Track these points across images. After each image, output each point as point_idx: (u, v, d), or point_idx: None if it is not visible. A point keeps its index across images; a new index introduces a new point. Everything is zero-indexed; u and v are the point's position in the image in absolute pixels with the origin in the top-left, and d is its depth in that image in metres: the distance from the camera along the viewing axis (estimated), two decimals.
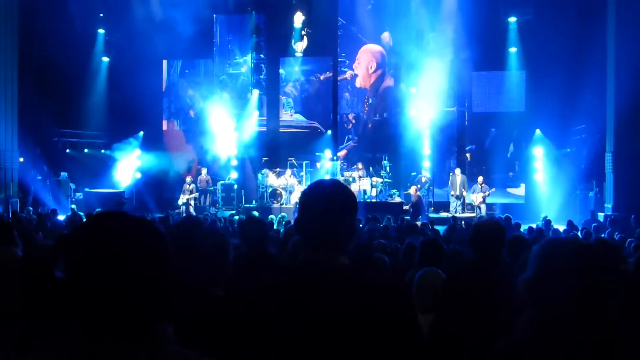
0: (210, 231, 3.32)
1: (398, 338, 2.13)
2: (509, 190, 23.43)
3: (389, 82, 25.18)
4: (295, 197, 21.25)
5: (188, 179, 23.02)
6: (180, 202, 22.34)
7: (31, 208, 19.55)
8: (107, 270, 1.55)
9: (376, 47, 25.30)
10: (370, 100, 25.33)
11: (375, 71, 25.37)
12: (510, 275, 3.89)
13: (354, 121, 25.54)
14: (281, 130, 25.61)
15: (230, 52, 26.16)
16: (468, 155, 24.08)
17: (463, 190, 21.85)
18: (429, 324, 3.95)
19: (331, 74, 25.55)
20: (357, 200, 2.54)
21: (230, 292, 3.07)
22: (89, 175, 23.84)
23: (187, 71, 26.56)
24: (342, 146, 25.03)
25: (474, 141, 24.58)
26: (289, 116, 25.95)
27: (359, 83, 25.49)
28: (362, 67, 25.46)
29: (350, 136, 25.49)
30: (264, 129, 25.57)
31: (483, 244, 4.10)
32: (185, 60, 26.31)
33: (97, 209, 17.16)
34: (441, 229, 13.37)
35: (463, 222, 16.47)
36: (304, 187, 21.35)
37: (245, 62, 26.06)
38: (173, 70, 26.56)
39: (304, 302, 2.16)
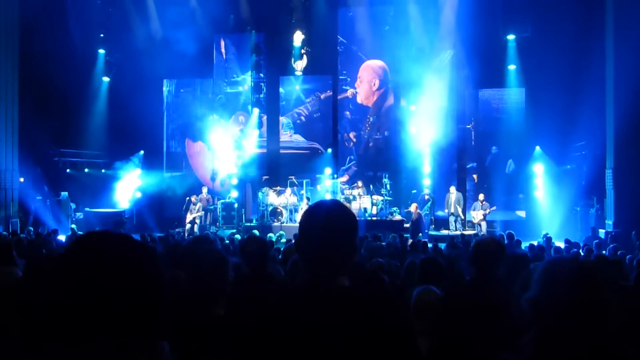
0: (210, 251, 3.33)
1: (396, 357, 2.12)
2: (518, 212, 23.36)
3: (390, 100, 25.20)
4: (297, 216, 21.25)
5: (194, 198, 23.01)
6: (187, 220, 22.28)
7: (31, 228, 19.53)
8: (91, 290, 1.55)
9: (378, 63, 25.28)
10: (372, 119, 25.31)
11: (378, 89, 25.37)
12: (509, 293, 3.87)
13: (354, 140, 25.51)
14: (281, 151, 25.62)
15: (229, 71, 26.23)
16: (475, 176, 23.92)
17: (458, 207, 21.82)
18: (427, 344, 3.94)
19: (331, 92, 25.59)
20: (358, 218, 2.54)
21: (231, 311, 3.06)
22: (89, 194, 23.86)
23: (182, 90, 26.63)
24: (343, 168, 24.86)
25: (474, 159, 24.58)
26: (289, 137, 25.96)
27: (360, 100, 25.47)
28: (365, 84, 25.44)
29: (352, 157, 25.39)
30: (264, 150, 25.62)
31: (482, 262, 4.09)
32: (185, 79, 26.37)
33: (96, 228, 17.12)
34: (442, 246, 13.34)
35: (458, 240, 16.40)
36: (304, 205, 21.38)
37: (244, 81, 26.13)
38: (172, 89, 26.61)
39: (302, 323, 2.16)
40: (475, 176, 24.10)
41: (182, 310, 2.97)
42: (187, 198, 22.74)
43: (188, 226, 22.01)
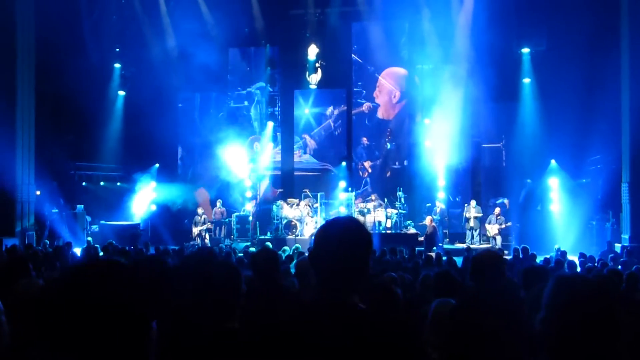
0: (223, 264, 3.33)
1: None
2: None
3: (411, 115, 25.06)
4: (310, 229, 21.24)
5: (200, 210, 23.11)
6: (194, 234, 22.39)
7: (47, 241, 19.63)
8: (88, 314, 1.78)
9: (400, 71, 25.14)
10: (390, 146, 25.04)
11: (400, 101, 25.24)
12: (516, 305, 3.86)
13: (370, 170, 25.36)
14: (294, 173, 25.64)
15: (244, 84, 26.31)
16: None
17: (477, 222, 21.78)
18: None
19: (345, 107, 25.55)
20: (372, 231, 2.54)
21: (243, 326, 3.06)
22: (104, 207, 23.96)
23: (198, 104, 26.75)
24: (358, 191, 24.54)
25: (489, 172, 24.50)
26: (298, 157, 25.94)
27: (380, 114, 25.33)
28: (384, 95, 25.32)
29: (367, 179, 25.28)
30: (279, 172, 25.70)
31: (482, 275, 4.08)
32: (200, 93, 26.49)
33: (111, 241, 17.23)
34: (458, 260, 13.29)
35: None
36: (318, 218, 21.38)
37: (258, 94, 26.19)
38: (186, 103, 26.73)
39: (312, 340, 2.16)
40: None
41: (195, 325, 2.97)
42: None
43: (198, 240, 22.09)
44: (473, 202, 22.21)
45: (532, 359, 2.40)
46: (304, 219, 21.90)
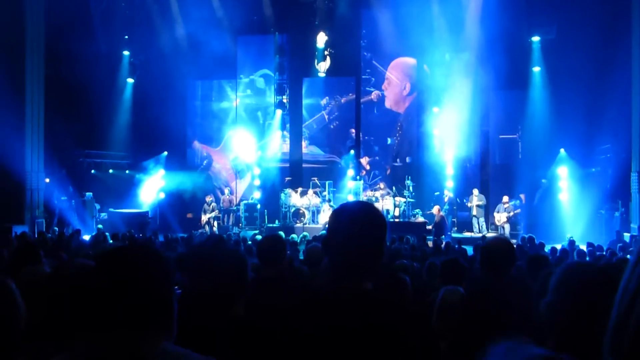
0: (229, 251, 3.33)
1: None
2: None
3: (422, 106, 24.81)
4: (324, 217, 21.23)
5: (208, 198, 23.16)
6: (202, 221, 22.45)
7: (57, 228, 19.71)
8: (121, 287, 1.96)
9: (410, 61, 24.96)
10: (397, 139, 24.94)
11: (410, 94, 25.06)
12: (524, 294, 3.84)
13: (368, 167, 25.25)
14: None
15: (252, 72, 26.26)
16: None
17: (480, 209, 21.75)
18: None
19: (353, 96, 25.47)
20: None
21: (250, 312, 3.07)
22: (113, 195, 24.00)
23: (206, 92, 26.75)
24: (366, 184, 24.23)
25: (498, 161, 24.44)
26: (304, 148, 25.90)
27: (389, 105, 25.19)
28: (394, 87, 25.17)
29: (376, 172, 25.11)
30: (287, 164, 25.66)
31: (492, 262, 4.07)
32: (209, 80, 26.48)
33: (121, 229, 17.29)
34: (468, 249, 13.27)
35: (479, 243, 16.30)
36: (326, 207, 21.38)
37: (267, 82, 26.17)
38: (194, 91, 26.72)
39: (323, 326, 2.15)
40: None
41: (201, 312, 2.98)
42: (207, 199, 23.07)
43: (207, 227, 22.14)
44: (476, 191, 22.18)
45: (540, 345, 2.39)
46: (320, 207, 21.88)
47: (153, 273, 2.02)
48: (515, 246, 13.53)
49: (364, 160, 25.18)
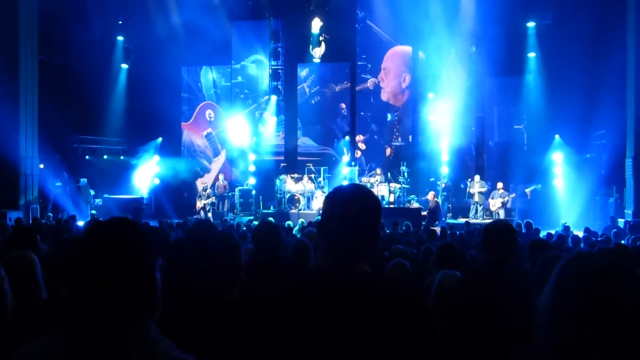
0: (222, 236, 3.33)
1: (413, 347, 2.10)
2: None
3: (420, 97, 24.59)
4: (317, 204, 21.24)
5: (202, 184, 23.15)
6: (197, 207, 22.44)
7: (51, 214, 19.70)
8: (102, 264, 1.83)
9: (408, 50, 24.76)
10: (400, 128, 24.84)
11: (409, 86, 24.87)
12: (526, 277, 3.84)
13: (363, 147, 25.18)
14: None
15: (246, 57, 26.16)
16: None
17: (481, 196, 21.75)
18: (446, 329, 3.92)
19: (348, 84, 25.36)
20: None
21: (244, 296, 3.06)
22: (108, 181, 23.98)
23: (200, 77, 26.67)
24: (365, 174, 24.01)
25: (493, 147, 24.46)
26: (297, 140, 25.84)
27: (386, 97, 25.02)
28: (392, 79, 24.99)
29: (372, 165, 24.83)
30: (281, 156, 25.60)
31: (493, 246, 4.06)
32: (203, 66, 26.39)
33: (115, 215, 17.24)
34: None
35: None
36: (320, 193, 21.39)
37: (252, 68, 26.10)
38: (189, 76, 26.64)
39: (320, 307, 2.13)
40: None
41: (195, 296, 2.97)
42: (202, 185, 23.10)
43: (202, 213, 22.14)
44: (477, 177, 22.15)
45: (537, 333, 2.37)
46: (314, 193, 21.88)
47: (130, 248, 1.87)
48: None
49: (359, 139, 25.12)
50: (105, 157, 25.53)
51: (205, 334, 2.73)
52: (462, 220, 21.27)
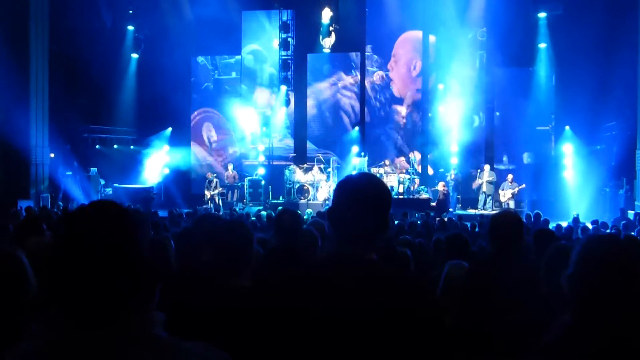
0: (233, 223, 3.34)
1: (422, 335, 2.10)
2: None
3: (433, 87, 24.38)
4: (322, 194, 21.25)
5: (209, 175, 23.15)
6: (206, 197, 22.46)
7: (61, 203, 19.79)
8: (88, 252, 1.61)
9: (418, 35, 24.48)
10: (405, 123, 24.75)
11: (420, 75, 24.69)
12: (532, 268, 3.84)
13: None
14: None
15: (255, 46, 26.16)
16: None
17: (490, 186, 21.68)
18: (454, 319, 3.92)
19: (358, 77, 25.26)
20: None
21: (257, 284, 3.08)
22: (118, 170, 24.02)
23: (211, 67, 26.63)
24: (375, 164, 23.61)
25: (502, 139, 24.37)
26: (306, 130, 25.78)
27: (397, 90, 24.82)
28: (402, 65, 24.79)
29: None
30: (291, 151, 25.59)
31: (501, 236, 4.05)
32: (213, 56, 26.37)
33: (125, 204, 17.30)
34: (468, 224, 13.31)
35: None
36: (330, 183, 21.38)
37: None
38: (199, 66, 26.63)
39: (328, 294, 2.14)
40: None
41: (205, 282, 2.99)
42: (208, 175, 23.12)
43: (211, 204, 22.15)
44: (487, 167, 22.07)
45: (549, 320, 2.38)
46: (319, 183, 21.89)
47: (115, 234, 1.63)
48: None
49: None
50: (115, 146, 25.57)
51: (210, 320, 2.75)
52: (471, 211, 21.26)
